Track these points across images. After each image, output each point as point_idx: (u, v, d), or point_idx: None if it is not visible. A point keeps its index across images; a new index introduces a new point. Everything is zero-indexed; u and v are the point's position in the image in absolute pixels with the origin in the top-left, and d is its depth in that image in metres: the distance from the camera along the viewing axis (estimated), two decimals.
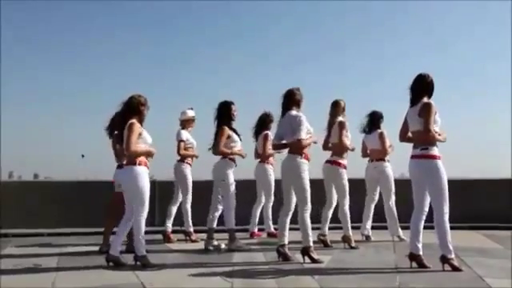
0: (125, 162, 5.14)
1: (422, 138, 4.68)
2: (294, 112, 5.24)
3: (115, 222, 5.46)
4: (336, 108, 6.24)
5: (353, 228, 6.12)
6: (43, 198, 7.71)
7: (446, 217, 4.65)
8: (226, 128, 6.00)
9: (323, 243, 6.11)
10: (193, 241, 6.58)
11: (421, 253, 4.73)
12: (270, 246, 5.89)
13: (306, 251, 5.07)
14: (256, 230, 7.05)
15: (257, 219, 7.06)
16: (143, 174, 4.96)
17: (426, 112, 4.65)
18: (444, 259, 4.65)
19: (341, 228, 6.06)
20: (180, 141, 6.57)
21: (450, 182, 4.75)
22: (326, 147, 6.21)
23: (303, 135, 5.13)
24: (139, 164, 4.97)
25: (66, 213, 7.71)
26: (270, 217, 7.00)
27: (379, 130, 6.58)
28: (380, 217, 6.60)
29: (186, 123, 6.74)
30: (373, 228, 6.69)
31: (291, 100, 5.29)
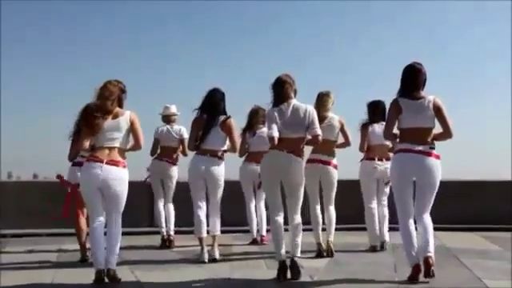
0: (111, 159, 4.40)
1: (428, 136, 4.40)
2: (304, 104, 4.64)
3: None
4: (329, 99, 5.70)
5: (356, 230, 6.00)
6: (42, 198, 7.68)
7: None
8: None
9: (330, 250, 5.56)
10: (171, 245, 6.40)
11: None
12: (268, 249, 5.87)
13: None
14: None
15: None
16: None
17: (445, 113, 4.41)
18: (431, 261, 4.28)
19: (337, 230, 5.78)
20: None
21: (450, 183, 4.70)
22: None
23: None
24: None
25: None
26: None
27: None
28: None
29: (171, 118, 6.62)
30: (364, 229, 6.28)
31: (290, 87, 4.65)
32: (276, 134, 4.48)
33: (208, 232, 5.44)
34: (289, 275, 4.47)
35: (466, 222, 7.71)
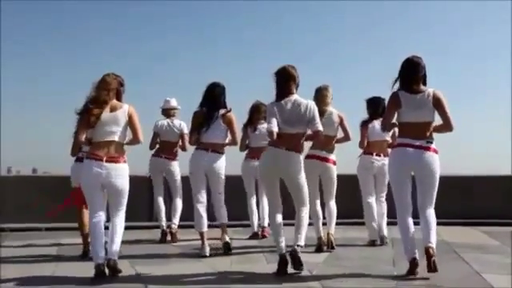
0: (111, 155, 4.39)
1: (428, 130, 4.38)
2: (305, 99, 4.60)
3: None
4: (328, 93, 5.66)
5: (355, 224, 5.98)
6: (41, 192, 7.68)
7: None
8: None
9: (330, 243, 5.55)
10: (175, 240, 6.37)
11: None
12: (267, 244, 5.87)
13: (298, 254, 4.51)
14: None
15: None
16: None
17: (445, 105, 4.37)
18: (431, 251, 4.21)
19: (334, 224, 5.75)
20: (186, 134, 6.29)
21: (449, 178, 4.69)
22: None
23: None
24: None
25: (64, 207, 7.68)
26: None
27: None
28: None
29: (171, 112, 6.58)
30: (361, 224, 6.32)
31: (294, 82, 4.61)
32: (275, 129, 4.44)
33: (215, 226, 5.56)
34: (290, 268, 4.45)
35: (465, 216, 7.72)
